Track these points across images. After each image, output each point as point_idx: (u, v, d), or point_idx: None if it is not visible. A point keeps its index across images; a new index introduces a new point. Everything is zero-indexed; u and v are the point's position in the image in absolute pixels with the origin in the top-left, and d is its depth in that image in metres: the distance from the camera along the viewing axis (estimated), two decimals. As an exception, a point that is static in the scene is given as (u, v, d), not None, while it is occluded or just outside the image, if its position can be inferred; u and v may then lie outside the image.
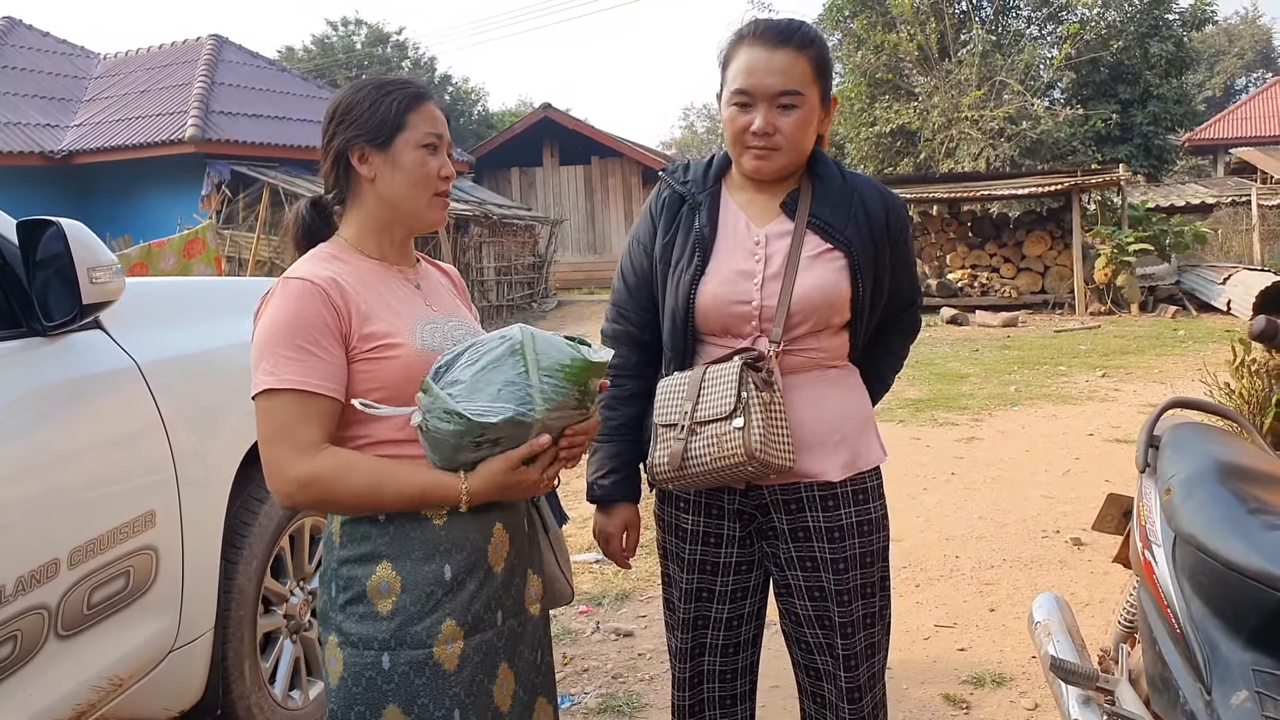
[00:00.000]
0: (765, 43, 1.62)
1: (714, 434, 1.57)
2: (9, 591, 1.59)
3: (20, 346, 1.79)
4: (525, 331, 1.39)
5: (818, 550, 1.70)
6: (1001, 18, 19.16)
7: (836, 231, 1.66)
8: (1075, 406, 7.16)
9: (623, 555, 1.83)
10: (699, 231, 1.70)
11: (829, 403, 1.70)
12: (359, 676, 1.40)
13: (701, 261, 1.68)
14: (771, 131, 1.62)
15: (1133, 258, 13.08)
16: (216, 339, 2.30)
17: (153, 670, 1.97)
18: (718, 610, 1.78)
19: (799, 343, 1.67)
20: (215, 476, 2.17)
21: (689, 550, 1.77)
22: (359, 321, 1.44)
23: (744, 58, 1.63)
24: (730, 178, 1.77)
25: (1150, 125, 18.57)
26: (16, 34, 16.49)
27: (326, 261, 1.48)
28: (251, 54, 17.57)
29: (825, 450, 1.68)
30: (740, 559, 1.77)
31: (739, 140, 1.65)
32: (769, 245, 1.68)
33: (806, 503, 1.69)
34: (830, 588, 1.70)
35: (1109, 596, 3.46)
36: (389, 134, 1.49)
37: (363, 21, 32.32)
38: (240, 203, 14.06)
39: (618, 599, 3.70)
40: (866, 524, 1.71)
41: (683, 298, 1.68)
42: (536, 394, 1.36)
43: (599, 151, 21.49)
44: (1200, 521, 1.48)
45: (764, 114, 1.61)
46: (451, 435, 1.34)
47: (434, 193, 1.53)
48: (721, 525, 1.75)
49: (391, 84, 1.54)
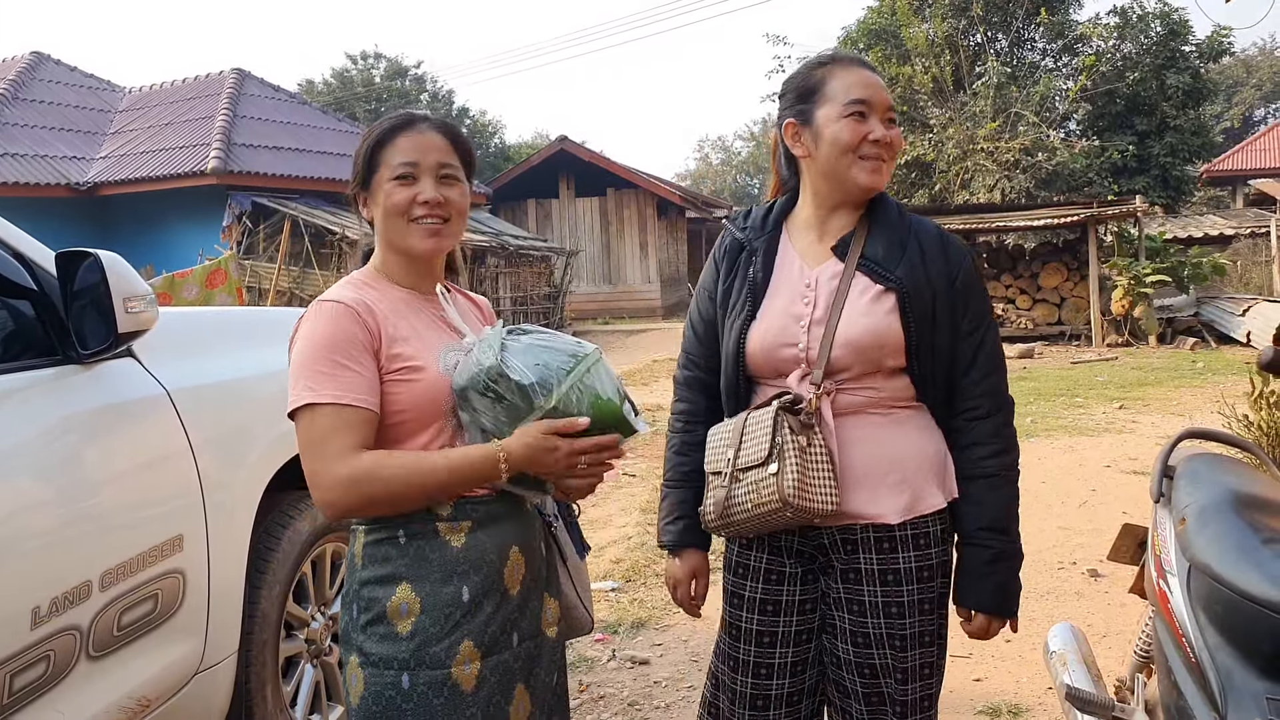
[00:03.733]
0: (863, 66, 1.68)
1: (753, 480, 1.56)
2: (43, 612, 1.63)
3: (57, 374, 1.84)
4: (597, 353, 1.48)
5: (867, 594, 1.64)
6: (1016, 50, 19.30)
7: (887, 271, 1.63)
8: (1092, 438, 7.12)
9: (691, 602, 1.79)
10: (753, 277, 1.71)
11: (889, 444, 1.64)
12: (379, 696, 1.43)
13: (753, 306, 1.69)
14: (887, 142, 1.64)
15: (1150, 289, 13.03)
16: (243, 368, 2.35)
17: (179, 692, 2.00)
18: (781, 654, 1.72)
19: (854, 383, 1.64)
20: (241, 502, 2.21)
21: (749, 588, 1.73)
22: (388, 342, 1.49)
23: (850, 75, 1.66)
24: (791, 221, 1.76)
25: (1167, 156, 18.57)
26: (45, 69, 16.87)
27: (357, 287, 1.55)
28: (273, 87, 17.90)
29: (881, 491, 1.63)
30: (804, 597, 1.72)
31: (854, 150, 1.63)
32: (818, 288, 1.66)
33: (861, 544, 1.64)
34: (880, 634, 1.64)
35: (1125, 628, 3.44)
36: (366, 177, 1.57)
37: (382, 55, 32.89)
38: (261, 234, 14.25)
39: (633, 627, 3.70)
40: (927, 569, 1.64)
41: (734, 341, 1.69)
42: (559, 390, 1.41)
43: (614, 183, 21.69)
44: (1215, 552, 1.49)
45: (881, 125, 1.64)
46: (480, 365, 1.42)
47: (408, 220, 1.54)
48: (784, 563, 1.71)
49: (376, 125, 1.60)
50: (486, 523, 1.49)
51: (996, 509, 1.64)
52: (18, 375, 1.78)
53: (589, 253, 21.63)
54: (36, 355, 1.85)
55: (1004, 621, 1.66)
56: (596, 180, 21.63)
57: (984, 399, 1.65)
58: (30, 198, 13.39)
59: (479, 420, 1.46)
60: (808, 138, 1.68)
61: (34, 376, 1.81)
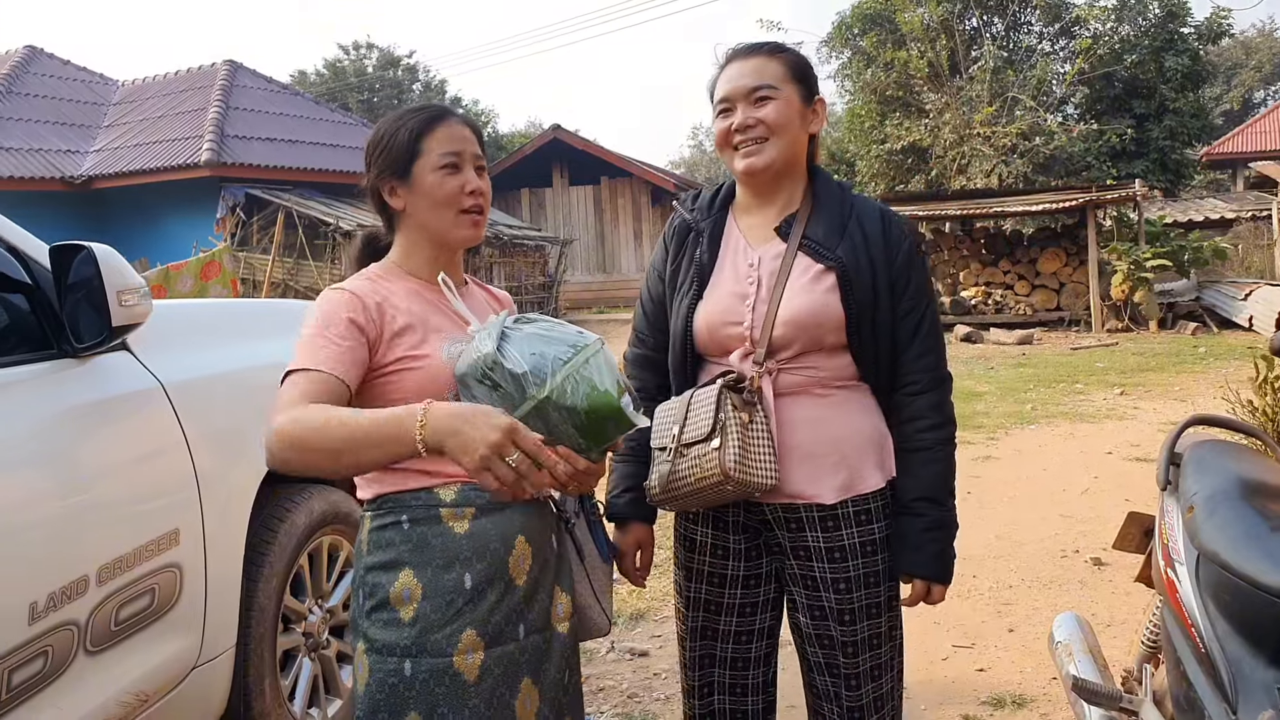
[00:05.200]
0: (739, 57, 1.74)
1: (696, 455, 1.61)
2: (40, 608, 1.61)
3: (51, 368, 1.82)
4: (598, 344, 1.45)
5: (817, 570, 1.71)
6: (1013, 33, 19.23)
7: (827, 251, 1.68)
8: (1093, 425, 7.11)
9: (635, 573, 1.85)
10: (699, 258, 1.76)
11: (828, 424, 1.69)
12: (383, 683, 1.42)
13: (700, 287, 1.74)
14: (752, 124, 1.68)
15: (1150, 274, 13.01)
16: (238, 360, 2.33)
17: (177, 686, 1.98)
18: (725, 622, 1.80)
19: (795, 362, 1.68)
20: (237, 496, 2.19)
21: (697, 560, 1.81)
22: (390, 333, 1.48)
23: (723, 75, 1.74)
24: (737, 204, 1.81)
25: (1166, 140, 18.53)
26: (38, 63, 16.78)
27: (369, 280, 1.54)
28: (265, 79, 17.81)
29: (821, 471, 1.68)
30: (748, 573, 1.79)
31: (727, 145, 1.71)
32: (761, 267, 1.71)
33: (806, 523, 1.70)
34: (831, 607, 1.70)
35: (1130, 617, 3.43)
36: (406, 164, 1.54)
37: (374, 45, 32.74)
38: (255, 225, 14.20)
39: (633, 619, 3.69)
40: (870, 545, 1.70)
41: (681, 321, 1.75)
42: (553, 380, 1.37)
43: (608, 172, 21.61)
44: (1223, 539, 1.48)
45: (742, 111, 1.68)
46: (478, 352, 1.40)
47: (458, 210, 1.55)
48: (728, 538, 1.78)
49: (406, 114, 1.58)
50: (491, 510, 1.47)
51: (933, 480, 1.69)
52: (11, 369, 1.76)
53: (583, 242, 21.57)
54: (30, 349, 1.83)
55: (943, 588, 1.72)
56: (590, 169, 21.56)
57: (923, 375, 1.70)
58: (24, 191, 13.33)
59: None
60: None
61: (28, 370, 1.78)
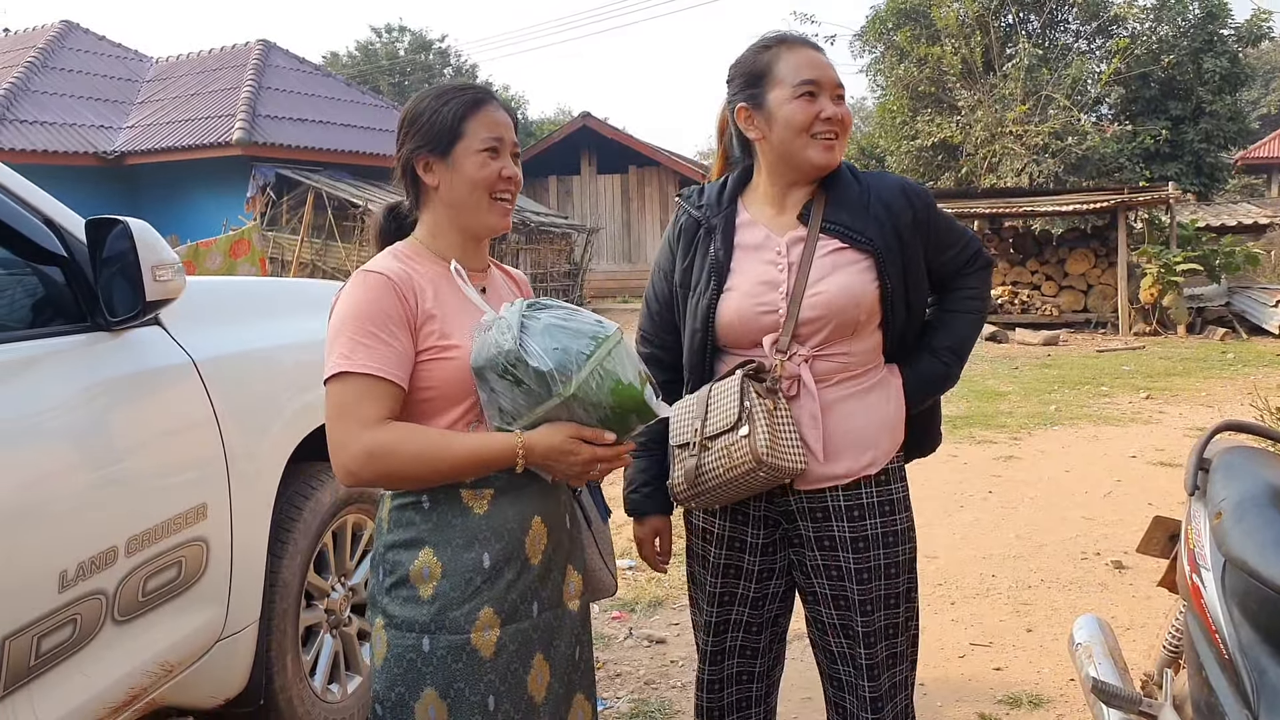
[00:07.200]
0: (809, 46, 1.73)
1: (723, 446, 1.62)
2: (70, 576, 1.64)
3: (85, 341, 1.85)
4: (619, 333, 1.45)
5: (842, 560, 1.73)
6: (1048, 31, 18.95)
7: (856, 233, 1.69)
8: (1118, 428, 7.04)
9: (656, 559, 1.88)
10: (714, 254, 1.75)
11: (857, 414, 1.72)
12: (400, 658, 1.45)
13: (719, 282, 1.73)
14: (842, 118, 1.69)
15: (1180, 278, 12.84)
16: (268, 338, 2.35)
17: (201, 658, 2.02)
18: (738, 613, 1.82)
19: (826, 347, 1.70)
20: (264, 472, 2.22)
21: (714, 554, 1.81)
22: (424, 319, 1.49)
23: (797, 56, 1.70)
24: (747, 196, 1.80)
25: (1202, 143, 18.21)
26: (73, 38, 16.95)
27: (401, 260, 1.54)
28: (298, 59, 17.90)
29: (849, 454, 1.72)
30: (763, 566, 1.80)
31: (807, 129, 1.68)
32: (790, 254, 1.71)
33: (833, 513, 1.72)
34: (854, 598, 1.72)
35: (1150, 621, 3.41)
36: (448, 142, 1.53)
37: (406, 28, 32.81)
38: (284, 205, 14.31)
39: (650, 606, 3.71)
40: (892, 535, 1.74)
41: (701, 319, 1.74)
42: (578, 377, 1.38)
43: (636, 160, 21.58)
44: (1251, 546, 1.46)
45: (832, 103, 1.69)
46: (498, 347, 1.39)
47: (492, 196, 1.55)
48: (746, 531, 1.79)
49: (450, 91, 1.58)
50: (509, 491, 1.49)
51: (963, 335, 1.83)
52: (46, 341, 1.79)
53: (609, 230, 21.56)
54: (64, 322, 1.86)
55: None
56: (618, 157, 21.53)
57: (976, 257, 1.83)
58: (58, 165, 13.49)
59: (497, 400, 1.45)
60: (761, 121, 1.72)
61: (62, 342, 1.81)
